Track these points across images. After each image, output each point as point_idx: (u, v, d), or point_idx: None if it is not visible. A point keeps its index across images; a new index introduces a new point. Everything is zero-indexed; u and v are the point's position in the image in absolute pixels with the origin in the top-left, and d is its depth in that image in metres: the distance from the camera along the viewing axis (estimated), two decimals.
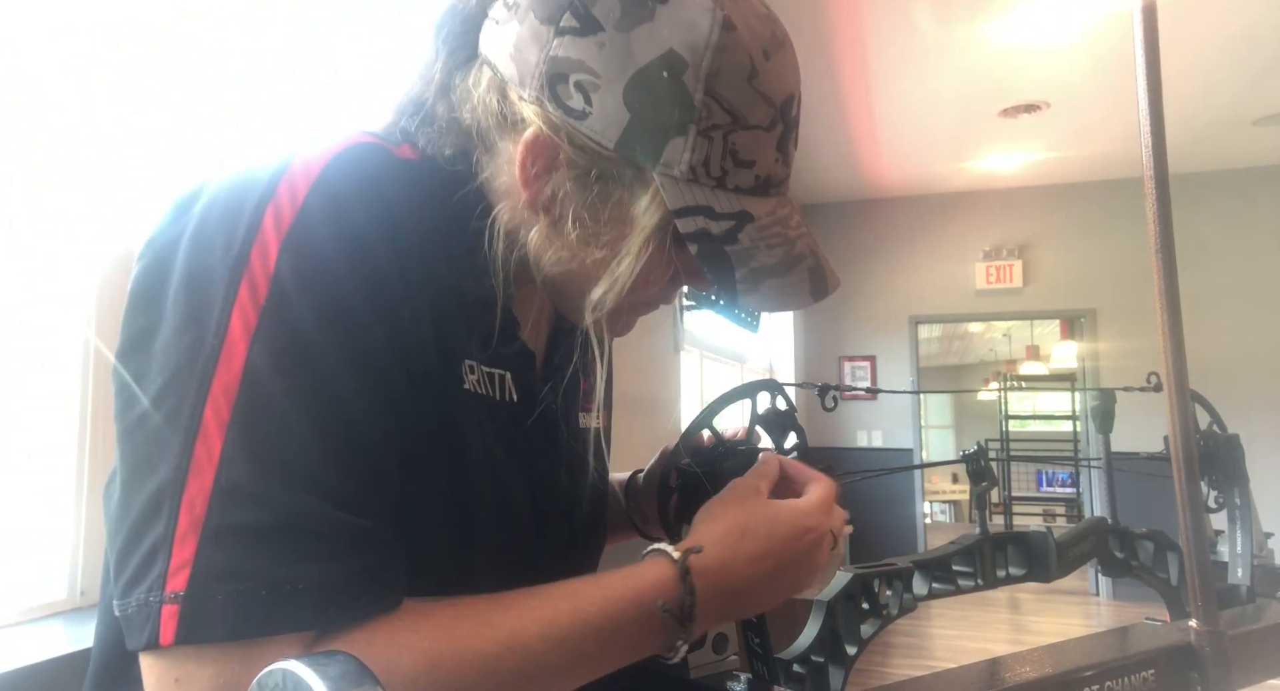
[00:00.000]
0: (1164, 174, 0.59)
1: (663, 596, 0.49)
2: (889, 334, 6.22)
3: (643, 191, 0.51)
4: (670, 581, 0.49)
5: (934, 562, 0.72)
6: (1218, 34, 3.61)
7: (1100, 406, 0.91)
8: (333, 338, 0.43)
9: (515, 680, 0.43)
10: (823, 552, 0.56)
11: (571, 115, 0.50)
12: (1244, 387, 5.24)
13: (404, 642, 0.41)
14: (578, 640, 0.46)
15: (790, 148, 0.54)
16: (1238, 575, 0.83)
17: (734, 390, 0.65)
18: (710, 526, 0.54)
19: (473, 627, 0.43)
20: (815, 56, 3.88)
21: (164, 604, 0.38)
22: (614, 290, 0.53)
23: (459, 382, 0.51)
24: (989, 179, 5.84)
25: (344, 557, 0.41)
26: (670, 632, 0.49)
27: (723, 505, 0.56)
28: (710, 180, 0.50)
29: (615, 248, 0.52)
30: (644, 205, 0.51)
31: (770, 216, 0.53)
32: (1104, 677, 0.54)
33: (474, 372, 0.53)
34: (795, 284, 0.54)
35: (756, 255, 0.52)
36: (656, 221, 0.51)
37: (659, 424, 2.81)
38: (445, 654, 0.41)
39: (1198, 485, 0.58)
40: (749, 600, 0.54)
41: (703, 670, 0.54)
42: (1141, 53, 0.58)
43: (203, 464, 0.40)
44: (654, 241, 0.52)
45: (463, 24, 0.56)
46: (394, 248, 0.47)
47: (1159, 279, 0.59)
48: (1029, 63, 3.89)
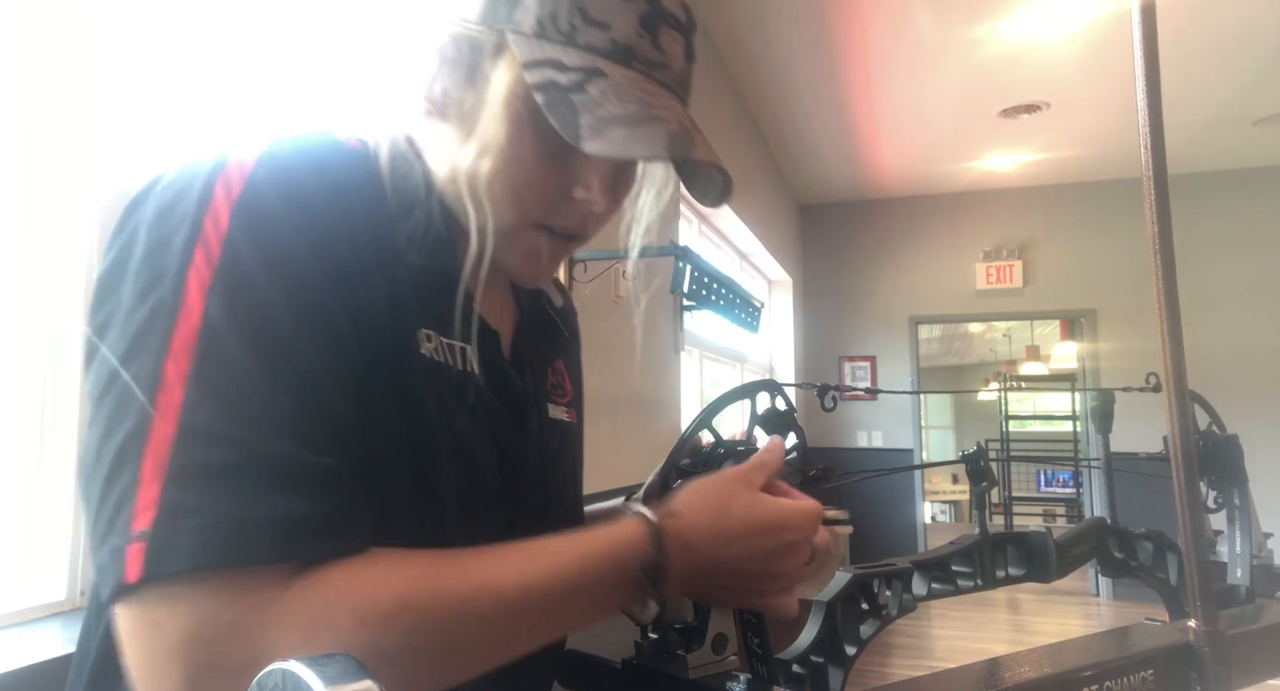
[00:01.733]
0: (1163, 174, 0.59)
1: (637, 555, 0.50)
2: (889, 334, 6.22)
3: (502, 57, 0.52)
4: (644, 541, 0.50)
5: (934, 563, 0.72)
6: (1217, 34, 3.61)
7: (1100, 407, 0.91)
8: (282, 289, 0.45)
9: (488, 625, 0.45)
10: (796, 559, 0.56)
11: (443, 6, 0.53)
12: (1243, 388, 5.24)
13: (382, 580, 0.42)
14: (552, 590, 0.47)
15: (663, 34, 0.54)
16: (1237, 575, 0.83)
17: (734, 390, 0.65)
18: (691, 498, 0.55)
19: (449, 571, 0.45)
20: (816, 57, 3.88)
21: (130, 543, 0.38)
22: (489, 155, 0.53)
23: (414, 346, 0.52)
24: (989, 179, 5.84)
25: (309, 493, 0.42)
26: (642, 591, 0.50)
27: (711, 484, 0.56)
28: (559, 35, 0.51)
29: (488, 118, 0.53)
30: (501, 68, 0.52)
31: (633, 86, 0.52)
32: (1103, 678, 0.54)
33: (431, 340, 0.54)
34: (648, 135, 0.51)
35: (605, 105, 0.50)
36: (511, 80, 0.52)
37: (659, 424, 2.81)
38: (422, 593, 0.42)
39: (1197, 485, 0.58)
40: (714, 580, 0.55)
41: (703, 670, 0.54)
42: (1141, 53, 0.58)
43: (166, 413, 0.41)
44: (517, 103, 0.52)
45: None
46: (342, 214, 0.49)
47: (1158, 279, 0.59)
48: (1029, 63, 3.89)
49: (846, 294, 6.33)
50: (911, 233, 6.22)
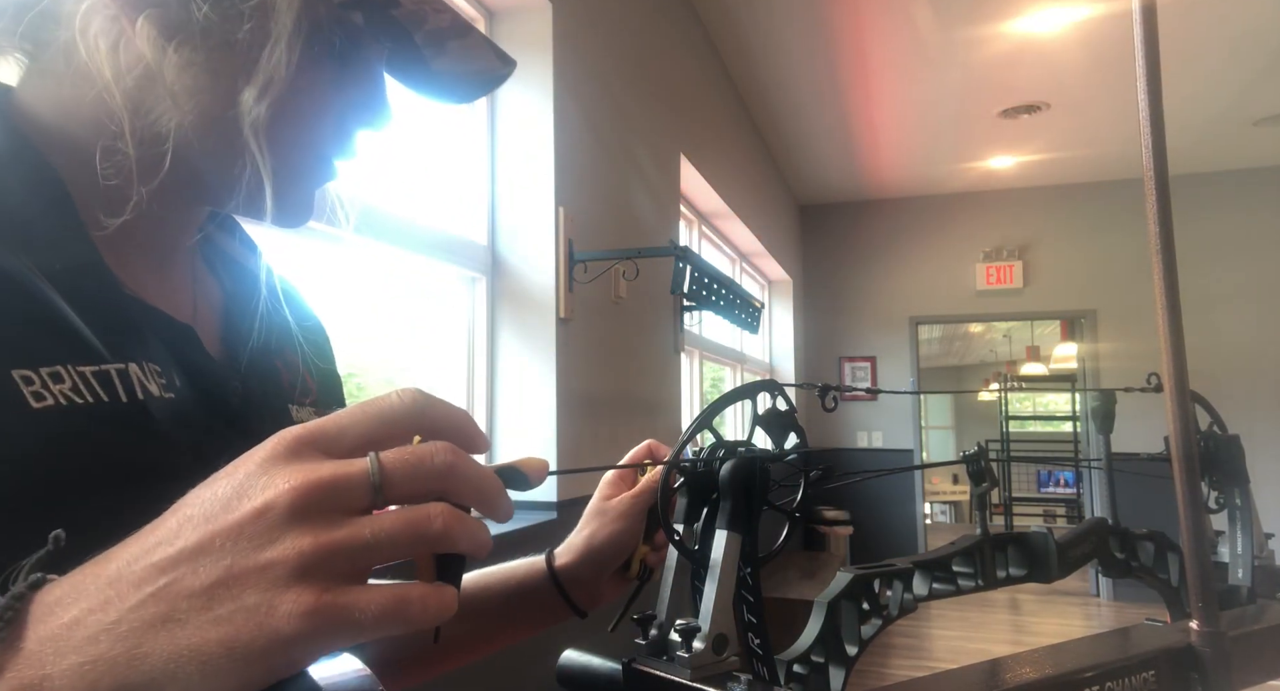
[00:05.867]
0: (1164, 174, 0.59)
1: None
2: (889, 334, 6.22)
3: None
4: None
5: (934, 563, 0.71)
6: (1218, 34, 3.61)
7: (1100, 407, 0.91)
8: None
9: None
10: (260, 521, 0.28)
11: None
12: (1245, 388, 5.24)
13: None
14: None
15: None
16: (1238, 576, 0.83)
17: (734, 391, 0.65)
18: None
19: None
20: (816, 57, 3.88)
21: None
22: (272, 87, 0.42)
23: (15, 405, 0.35)
24: (989, 180, 5.85)
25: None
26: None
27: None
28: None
29: (261, 34, 0.42)
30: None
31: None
32: (1104, 679, 0.54)
33: (62, 379, 0.37)
34: (477, 46, 0.49)
35: (427, 18, 0.47)
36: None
37: (659, 424, 2.81)
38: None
39: (1198, 486, 0.58)
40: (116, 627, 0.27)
41: (703, 670, 0.54)
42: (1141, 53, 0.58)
43: None
44: (306, 23, 0.43)
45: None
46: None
47: (1159, 279, 0.59)
48: (1029, 63, 3.89)
49: (846, 294, 6.33)
50: (911, 233, 6.23)
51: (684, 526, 0.58)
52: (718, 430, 0.64)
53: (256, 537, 0.27)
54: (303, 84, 0.45)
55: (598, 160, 2.34)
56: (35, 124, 0.43)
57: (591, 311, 2.24)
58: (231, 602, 0.26)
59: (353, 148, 0.51)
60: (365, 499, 0.28)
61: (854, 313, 6.30)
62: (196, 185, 0.47)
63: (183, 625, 0.26)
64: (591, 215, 2.26)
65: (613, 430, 2.36)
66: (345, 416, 0.30)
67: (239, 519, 0.27)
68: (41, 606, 0.27)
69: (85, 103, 0.42)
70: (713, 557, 0.54)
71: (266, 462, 0.28)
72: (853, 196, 6.30)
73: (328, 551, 0.27)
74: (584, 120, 2.24)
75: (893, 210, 6.29)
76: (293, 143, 0.46)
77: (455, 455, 0.30)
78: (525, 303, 2.02)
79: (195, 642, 0.26)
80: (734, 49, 3.80)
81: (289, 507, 0.27)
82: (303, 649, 0.27)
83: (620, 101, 2.56)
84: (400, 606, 0.28)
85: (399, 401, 0.31)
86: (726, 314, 2.69)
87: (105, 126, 0.42)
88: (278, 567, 0.27)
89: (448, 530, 0.29)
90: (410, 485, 0.29)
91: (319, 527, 0.27)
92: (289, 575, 0.27)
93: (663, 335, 2.91)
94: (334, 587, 0.27)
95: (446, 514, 0.29)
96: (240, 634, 0.26)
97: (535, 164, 2.04)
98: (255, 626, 0.26)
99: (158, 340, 0.44)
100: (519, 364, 2.01)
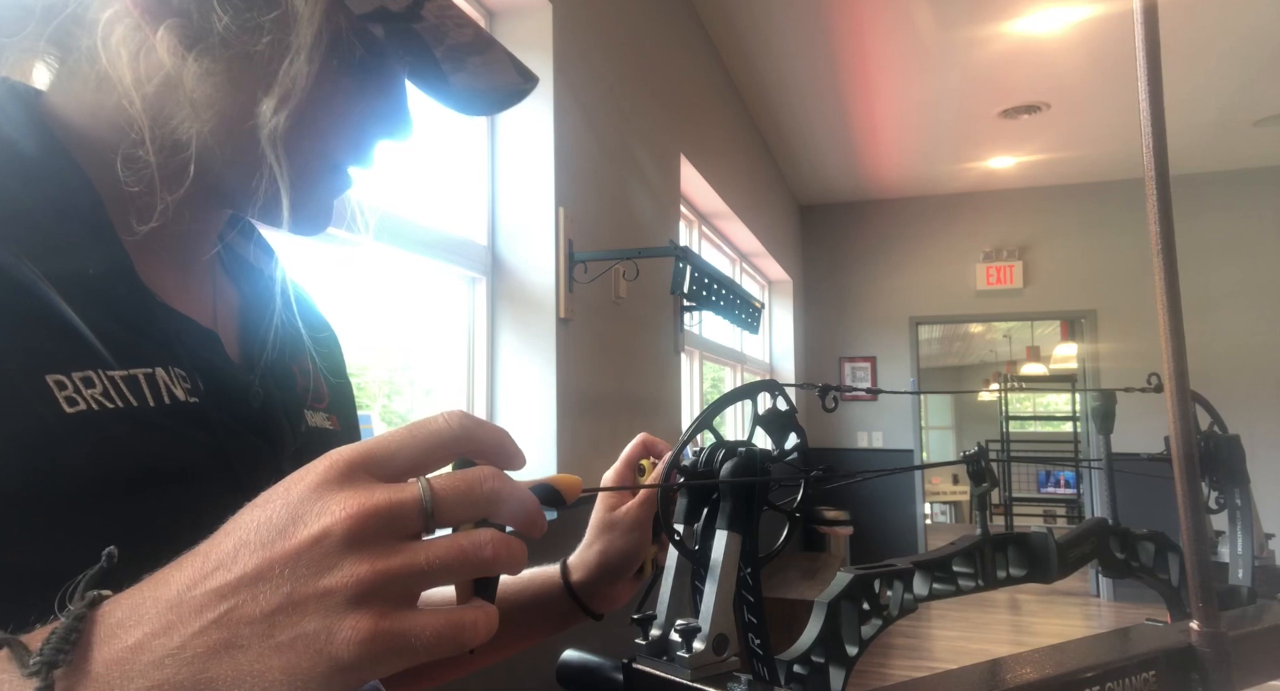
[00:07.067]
0: (1165, 174, 0.59)
1: None
2: (889, 335, 6.22)
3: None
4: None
5: (935, 563, 0.71)
6: (1218, 35, 3.61)
7: (1101, 407, 0.91)
8: None
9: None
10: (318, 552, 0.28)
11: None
12: (1245, 388, 5.24)
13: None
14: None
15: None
16: (1238, 576, 0.83)
17: (734, 391, 0.65)
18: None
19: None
20: (816, 57, 3.88)
21: None
22: (290, 98, 0.43)
23: (49, 408, 0.36)
24: (989, 180, 5.85)
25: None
26: None
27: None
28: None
29: (281, 47, 0.42)
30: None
31: (449, 4, 0.47)
32: (1105, 679, 0.54)
33: (94, 384, 0.38)
34: (498, 61, 0.49)
35: (449, 33, 0.46)
36: (324, 7, 0.43)
37: (659, 424, 2.81)
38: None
39: (1198, 486, 0.58)
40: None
41: (703, 671, 0.54)
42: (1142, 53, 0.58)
43: None
44: (326, 35, 0.44)
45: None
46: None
47: (1160, 279, 0.59)
48: (1029, 63, 3.89)
49: (847, 294, 6.33)
50: (912, 233, 6.23)
51: (684, 526, 0.58)
52: (718, 430, 0.64)
53: (314, 564, 0.27)
54: (322, 95, 0.45)
55: (598, 160, 2.34)
56: (66, 127, 0.44)
57: (591, 311, 2.24)
58: (292, 629, 0.27)
59: (371, 158, 0.52)
60: (417, 524, 0.29)
61: (854, 313, 6.30)
62: (217, 192, 0.47)
63: (245, 651, 0.27)
64: (591, 215, 2.26)
65: (613, 430, 2.36)
66: (394, 440, 0.30)
67: (297, 546, 0.28)
68: (104, 628, 0.27)
69: (107, 108, 0.43)
70: (713, 558, 0.54)
71: (320, 487, 0.29)
72: (853, 197, 6.30)
73: (384, 578, 0.28)
74: (584, 120, 2.24)
75: (893, 210, 6.29)
76: (310, 152, 0.47)
77: (500, 481, 0.31)
78: (525, 303, 2.02)
79: (258, 669, 0.27)
80: (734, 49, 3.80)
81: (345, 534, 0.27)
82: (360, 674, 0.27)
83: (620, 101, 2.56)
84: (455, 631, 0.29)
85: (446, 425, 0.31)
86: (726, 314, 2.69)
87: (126, 133, 0.42)
88: (336, 595, 0.27)
89: (497, 557, 0.30)
90: (460, 511, 0.30)
91: (375, 554, 0.28)
92: (347, 602, 0.27)
93: (663, 335, 2.91)
94: (390, 613, 0.28)
95: (496, 541, 0.30)
96: (301, 660, 0.27)
97: (535, 164, 2.04)
98: (315, 652, 0.27)
99: (182, 345, 0.44)
100: (519, 364, 2.01)
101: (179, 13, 0.42)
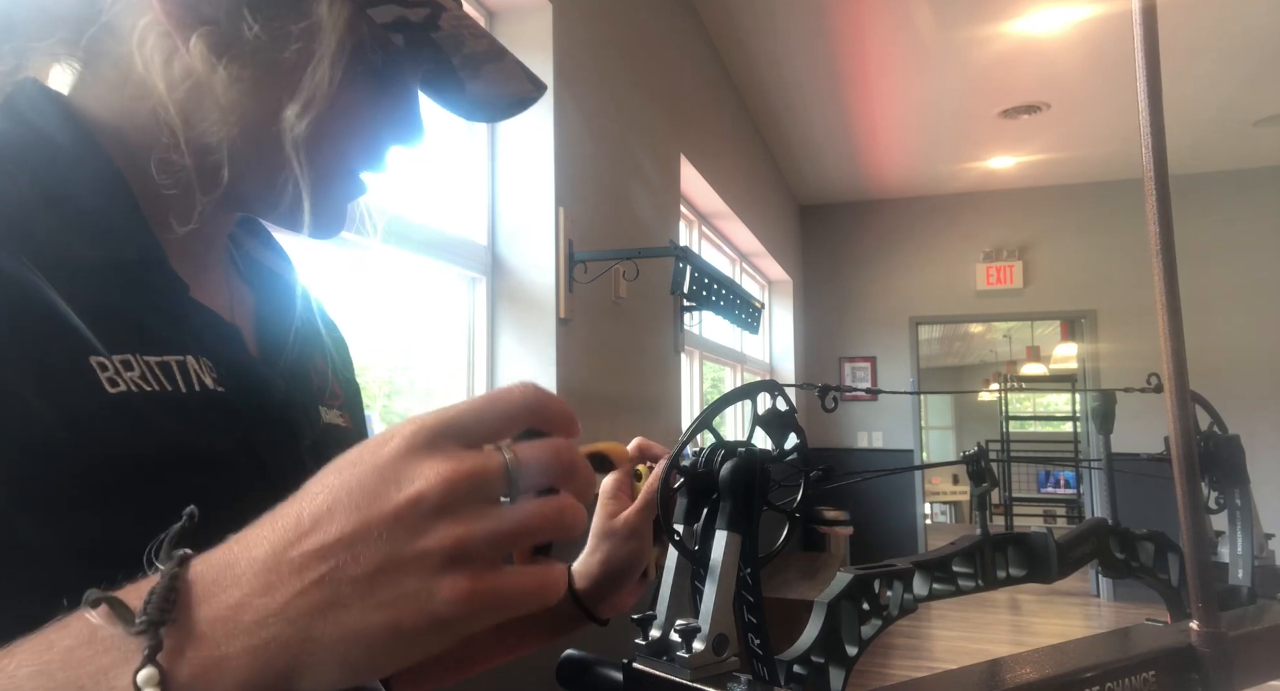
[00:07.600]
0: (1164, 174, 0.59)
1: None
2: (889, 335, 6.22)
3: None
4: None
5: (934, 563, 0.71)
6: (1217, 35, 3.61)
7: (1101, 407, 0.91)
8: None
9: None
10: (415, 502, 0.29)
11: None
12: (1245, 388, 5.24)
13: None
14: None
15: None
16: (1238, 576, 0.83)
17: (734, 391, 0.65)
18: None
19: None
20: (816, 57, 3.88)
21: None
22: (313, 105, 0.44)
23: (92, 388, 0.37)
24: (989, 180, 5.85)
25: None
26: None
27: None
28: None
29: (306, 54, 0.44)
30: (330, 6, 0.44)
31: (460, 10, 0.48)
32: (1105, 679, 0.54)
33: (131, 368, 0.39)
34: (512, 69, 0.52)
35: (465, 41, 0.49)
36: (347, 16, 0.45)
37: (659, 425, 2.81)
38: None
39: (1198, 486, 0.58)
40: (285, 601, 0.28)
41: (703, 671, 0.54)
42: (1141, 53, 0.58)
43: None
44: (349, 43, 0.45)
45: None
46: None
47: (1159, 279, 0.59)
48: (1029, 63, 3.90)
49: (846, 294, 6.33)
50: (911, 233, 6.23)
51: (684, 526, 0.58)
52: (718, 430, 0.64)
53: (411, 527, 0.28)
54: (342, 102, 0.47)
55: (598, 160, 2.34)
56: (96, 126, 0.45)
57: (591, 311, 2.24)
58: (393, 588, 0.28)
59: (384, 163, 0.53)
60: (503, 489, 0.31)
61: (854, 313, 6.30)
62: (236, 195, 0.48)
63: (348, 610, 0.28)
64: (591, 215, 2.26)
65: (613, 430, 2.36)
66: (474, 409, 0.32)
67: (394, 509, 0.28)
68: (200, 587, 0.28)
69: (137, 112, 0.44)
70: (713, 558, 0.54)
71: (409, 452, 0.30)
72: (853, 196, 6.30)
73: (476, 540, 0.29)
74: (584, 120, 2.24)
75: (893, 210, 6.29)
76: (329, 157, 0.48)
77: (574, 453, 0.33)
78: (525, 303, 2.02)
79: (362, 626, 0.28)
80: (734, 49, 3.80)
81: (440, 498, 0.29)
82: (457, 629, 0.29)
83: (620, 101, 2.56)
84: (541, 589, 0.31)
85: (522, 397, 0.33)
86: (726, 314, 2.69)
87: (157, 137, 0.44)
88: (433, 556, 0.28)
89: (575, 523, 0.32)
90: (539, 478, 0.32)
91: (466, 518, 0.29)
92: (443, 562, 0.29)
93: (663, 335, 2.91)
94: (483, 573, 0.29)
95: (575, 508, 0.32)
96: (403, 618, 0.28)
97: (535, 164, 2.04)
98: (416, 610, 0.28)
99: (208, 336, 0.46)
100: (519, 364, 2.01)
101: (209, 21, 0.43)
